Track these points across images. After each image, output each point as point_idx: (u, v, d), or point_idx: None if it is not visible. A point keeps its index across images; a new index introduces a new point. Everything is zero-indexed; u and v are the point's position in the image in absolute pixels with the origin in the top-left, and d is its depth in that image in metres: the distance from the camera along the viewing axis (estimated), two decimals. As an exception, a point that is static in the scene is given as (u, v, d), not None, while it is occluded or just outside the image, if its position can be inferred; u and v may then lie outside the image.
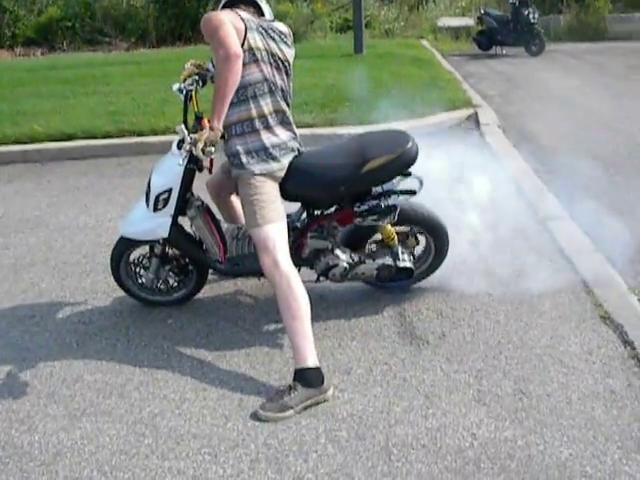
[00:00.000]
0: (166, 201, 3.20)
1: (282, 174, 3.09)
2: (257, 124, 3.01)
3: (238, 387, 2.92)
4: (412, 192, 3.24)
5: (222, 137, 2.93)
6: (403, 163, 3.14)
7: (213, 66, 3.13)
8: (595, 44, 15.05)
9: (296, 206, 3.35)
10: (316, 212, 3.33)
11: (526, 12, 13.49)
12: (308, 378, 2.79)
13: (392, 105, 4.32)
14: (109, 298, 3.76)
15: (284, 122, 3.11)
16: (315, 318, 3.32)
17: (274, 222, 2.98)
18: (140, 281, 3.56)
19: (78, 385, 3.01)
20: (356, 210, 3.20)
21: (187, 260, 3.51)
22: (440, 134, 4.29)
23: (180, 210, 3.27)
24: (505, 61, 13.07)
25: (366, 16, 16.10)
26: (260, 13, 3.11)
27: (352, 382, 2.91)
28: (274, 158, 3.03)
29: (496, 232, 3.87)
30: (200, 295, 3.67)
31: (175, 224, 3.28)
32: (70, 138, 6.98)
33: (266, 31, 3.02)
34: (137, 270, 3.55)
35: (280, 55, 3.06)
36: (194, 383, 2.96)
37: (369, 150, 3.13)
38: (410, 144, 3.14)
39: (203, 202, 3.36)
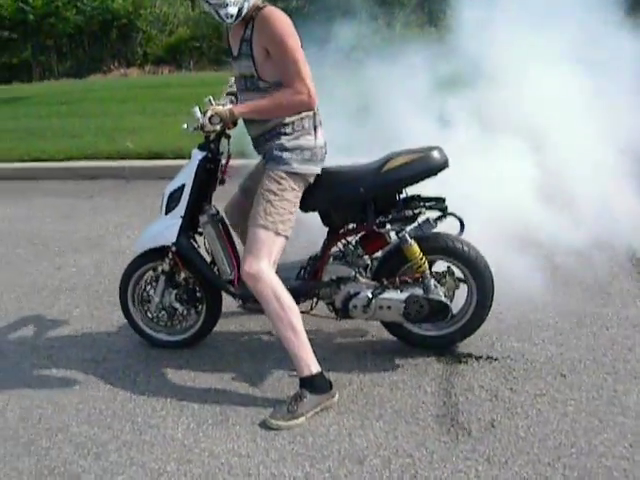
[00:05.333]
0: (178, 200, 2.92)
1: (312, 181, 2.80)
2: (307, 124, 2.74)
3: (227, 464, 2.45)
4: (441, 199, 2.90)
5: (234, 124, 2.80)
6: (428, 166, 2.83)
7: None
8: None
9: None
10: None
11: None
12: (315, 385, 2.68)
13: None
14: (133, 335, 3.40)
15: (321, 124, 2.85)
16: (345, 386, 2.85)
17: (279, 233, 2.68)
18: (146, 310, 3.22)
19: (60, 436, 2.67)
20: (378, 222, 2.86)
21: (196, 286, 3.12)
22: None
23: (193, 220, 2.97)
24: None
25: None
26: None
27: (361, 476, 2.36)
28: (320, 160, 2.80)
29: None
30: (224, 341, 3.28)
31: (185, 231, 2.96)
32: (158, 157, 6.87)
33: None
34: (145, 294, 3.20)
35: None
36: (180, 453, 2.52)
37: (392, 154, 2.88)
38: (438, 150, 2.85)
39: (219, 212, 3.04)
